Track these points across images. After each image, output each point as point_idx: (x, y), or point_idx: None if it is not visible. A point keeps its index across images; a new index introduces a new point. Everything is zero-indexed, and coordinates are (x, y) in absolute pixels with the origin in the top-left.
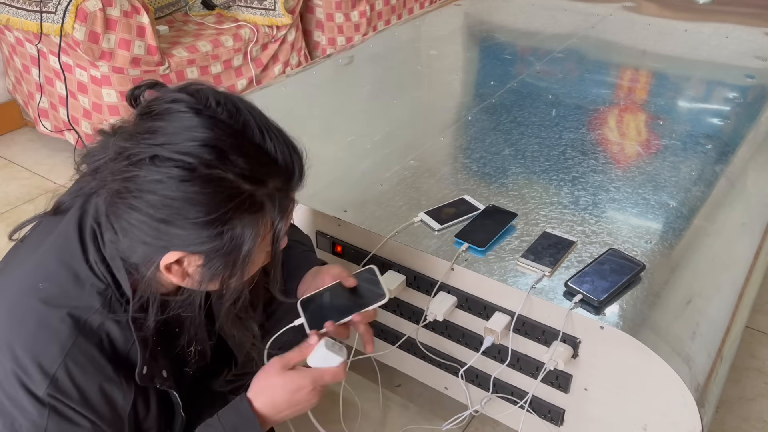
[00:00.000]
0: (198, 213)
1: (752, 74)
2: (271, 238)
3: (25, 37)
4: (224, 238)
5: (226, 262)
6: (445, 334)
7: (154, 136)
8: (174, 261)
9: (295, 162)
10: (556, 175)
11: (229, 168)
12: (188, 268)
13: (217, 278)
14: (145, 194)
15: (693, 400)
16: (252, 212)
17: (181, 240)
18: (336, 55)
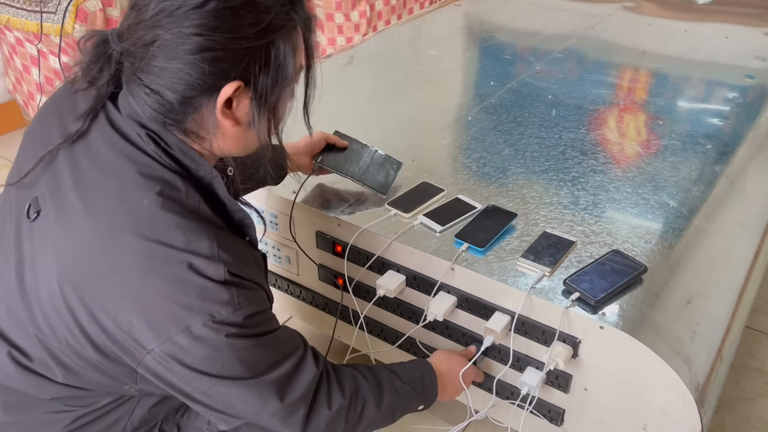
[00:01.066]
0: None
1: (752, 74)
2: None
3: (26, 37)
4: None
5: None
6: (445, 334)
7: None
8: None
9: None
10: (556, 175)
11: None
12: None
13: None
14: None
15: (693, 400)
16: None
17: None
18: (336, 55)
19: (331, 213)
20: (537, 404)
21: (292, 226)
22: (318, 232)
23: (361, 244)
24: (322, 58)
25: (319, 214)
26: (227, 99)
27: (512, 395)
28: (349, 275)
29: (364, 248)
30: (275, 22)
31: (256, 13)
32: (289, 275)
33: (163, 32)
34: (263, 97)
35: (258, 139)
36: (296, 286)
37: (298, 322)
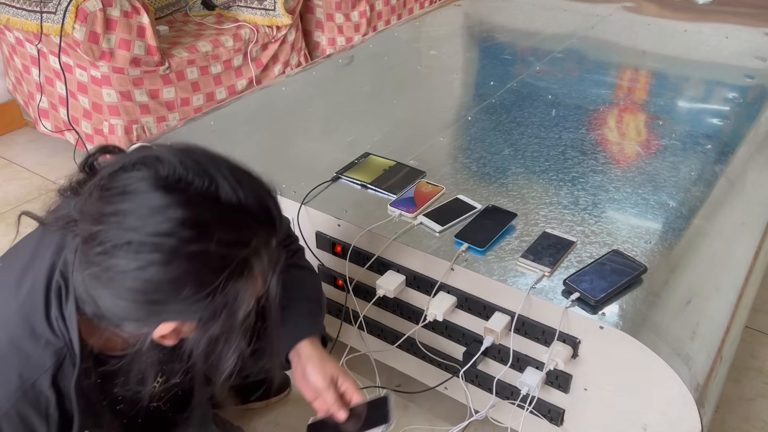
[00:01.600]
0: (189, 290)
1: (752, 74)
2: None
3: (26, 37)
4: (218, 304)
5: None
6: (445, 334)
7: (125, 220)
8: (170, 331)
9: (272, 207)
10: (556, 175)
11: (211, 240)
12: (183, 329)
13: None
14: (127, 281)
15: (693, 400)
16: (243, 276)
17: (175, 314)
18: (336, 55)
19: (331, 213)
20: (537, 404)
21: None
22: (318, 232)
23: (361, 244)
24: (322, 58)
25: (320, 214)
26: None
27: (512, 395)
28: (349, 275)
29: (364, 248)
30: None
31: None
32: None
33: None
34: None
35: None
36: None
37: None
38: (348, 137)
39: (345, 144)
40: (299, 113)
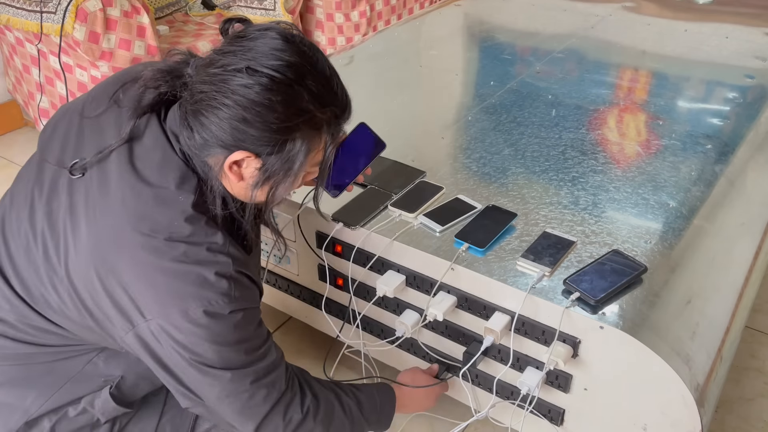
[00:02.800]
0: (274, 119)
1: (752, 74)
2: (321, 156)
3: (26, 37)
4: (287, 146)
5: (281, 169)
6: (445, 334)
7: (250, 52)
8: (239, 159)
9: (348, 100)
10: (556, 175)
11: (304, 88)
12: (246, 171)
13: (267, 184)
14: (235, 95)
15: (693, 399)
16: (313, 129)
17: (253, 141)
18: (336, 55)
19: (331, 213)
20: (537, 404)
21: (298, 227)
22: (318, 232)
23: (362, 244)
24: None
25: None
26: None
27: (512, 395)
28: (350, 275)
29: (365, 248)
30: (303, 124)
31: (288, 112)
32: (289, 275)
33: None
34: (267, 172)
35: (253, 199)
36: (296, 286)
37: (299, 322)
38: None
39: None
40: None
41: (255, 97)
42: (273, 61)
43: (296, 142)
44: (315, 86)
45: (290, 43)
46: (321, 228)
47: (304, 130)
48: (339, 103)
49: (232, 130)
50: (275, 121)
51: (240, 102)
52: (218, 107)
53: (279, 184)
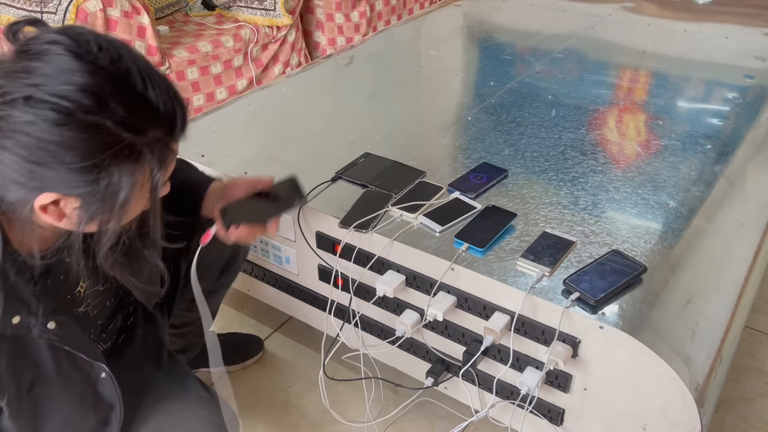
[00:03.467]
0: (73, 158)
1: (751, 74)
2: (149, 186)
3: None
4: (101, 184)
5: (103, 206)
6: (445, 334)
7: (30, 76)
8: (50, 202)
9: (178, 112)
10: (556, 175)
11: (107, 115)
12: (65, 209)
13: (95, 221)
14: (17, 135)
15: (692, 399)
16: (130, 161)
17: (56, 182)
18: (336, 55)
19: (331, 213)
20: (537, 404)
21: (297, 226)
22: (318, 232)
23: (361, 244)
24: (322, 58)
25: (320, 214)
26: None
27: (512, 395)
28: (349, 275)
29: (364, 248)
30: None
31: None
32: (289, 275)
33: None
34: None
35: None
36: (296, 286)
37: (299, 322)
38: (348, 137)
39: (345, 144)
40: (299, 113)
41: (42, 135)
42: (61, 85)
43: (113, 176)
44: (123, 109)
45: (82, 59)
46: (321, 228)
47: (117, 162)
48: (161, 120)
49: (27, 173)
50: (75, 161)
51: (25, 143)
52: (3, 148)
53: (109, 221)
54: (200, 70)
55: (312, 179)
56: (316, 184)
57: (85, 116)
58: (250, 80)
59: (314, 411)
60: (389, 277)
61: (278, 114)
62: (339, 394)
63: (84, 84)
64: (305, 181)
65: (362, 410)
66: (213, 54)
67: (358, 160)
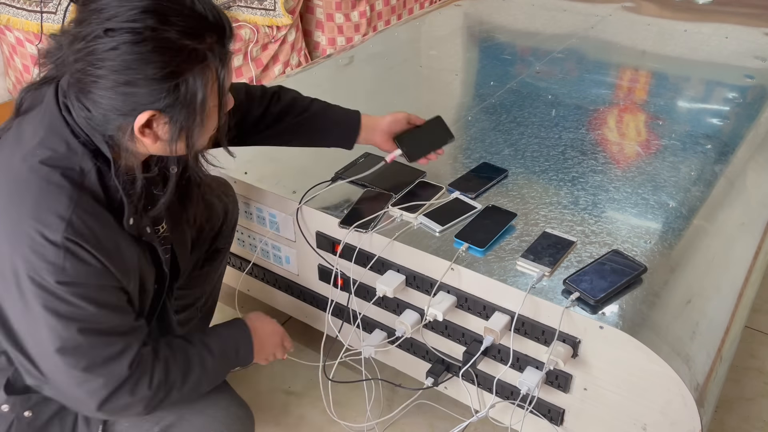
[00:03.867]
0: (154, 69)
1: (751, 74)
2: (218, 86)
3: (26, 37)
4: (180, 90)
5: (187, 112)
6: (445, 334)
7: (101, 13)
8: (145, 122)
9: (224, 19)
10: (556, 175)
11: (170, 28)
12: (158, 130)
13: (183, 133)
14: (106, 62)
15: (692, 399)
16: (198, 62)
17: (146, 98)
18: (336, 55)
19: (331, 213)
20: (537, 404)
21: (297, 226)
22: (318, 232)
23: (361, 244)
24: (322, 58)
25: (320, 214)
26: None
27: (512, 395)
28: (349, 275)
29: (364, 248)
30: (185, 63)
31: (164, 58)
32: (289, 275)
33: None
34: (177, 122)
35: (176, 152)
36: (296, 286)
37: (299, 322)
38: None
39: None
40: None
41: (126, 57)
42: (128, 12)
43: (188, 81)
44: (180, 20)
45: None
46: (321, 228)
47: (190, 67)
48: (213, 26)
49: (122, 97)
50: (157, 71)
51: (114, 67)
52: (97, 80)
53: (193, 130)
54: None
55: (312, 179)
56: (315, 183)
57: (154, 33)
58: (249, 80)
59: (314, 411)
60: (389, 277)
61: None
62: (339, 393)
63: (144, 6)
64: (305, 181)
65: (362, 410)
66: None
67: (358, 160)
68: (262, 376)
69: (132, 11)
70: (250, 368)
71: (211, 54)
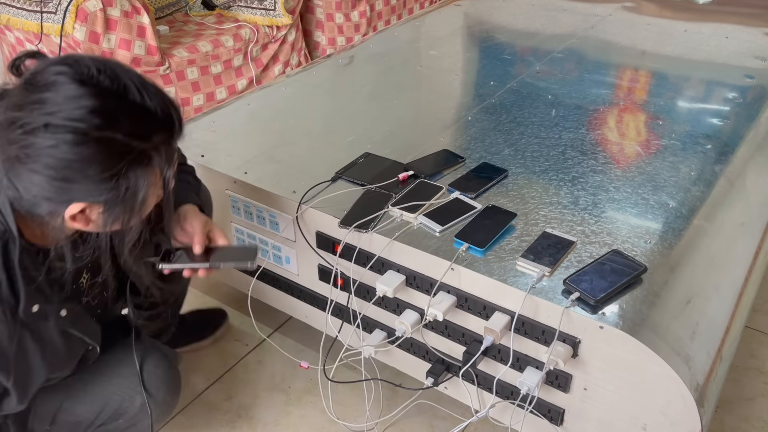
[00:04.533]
0: (95, 170)
1: (751, 74)
2: (162, 183)
3: (26, 37)
4: (121, 189)
5: (124, 208)
6: (445, 334)
7: (44, 106)
8: (78, 211)
9: (174, 115)
10: (556, 175)
11: (117, 129)
12: (91, 215)
13: (117, 222)
14: (43, 158)
15: (692, 399)
16: (143, 165)
17: (83, 193)
18: (336, 55)
19: (331, 213)
20: (537, 404)
21: (297, 226)
22: (318, 232)
23: (361, 244)
24: (322, 58)
25: (319, 214)
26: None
27: (512, 395)
28: (349, 275)
29: (364, 248)
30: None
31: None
32: (289, 275)
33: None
34: (112, 214)
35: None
36: (296, 286)
37: (299, 322)
38: (348, 137)
39: (345, 144)
40: (299, 113)
41: (65, 156)
42: (73, 110)
43: (129, 180)
44: (129, 122)
45: (87, 84)
46: (321, 228)
47: (133, 168)
48: (162, 124)
49: (57, 189)
50: (97, 173)
51: (51, 164)
52: (32, 171)
53: (130, 219)
54: (200, 70)
55: (312, 179)
56: (315, 183)
57: (99, 133)
58: (250, 80)
59: (314, 411)
60: (389, 277)
61: (278, 114)
62: (339, 393)
63: (92, 106)
64: (305, 181)
65: (362, 410)
66: (213, 54)
67: (358, 160)
68: (262, 376)
69: (77, 110)
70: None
71: (156, 154)
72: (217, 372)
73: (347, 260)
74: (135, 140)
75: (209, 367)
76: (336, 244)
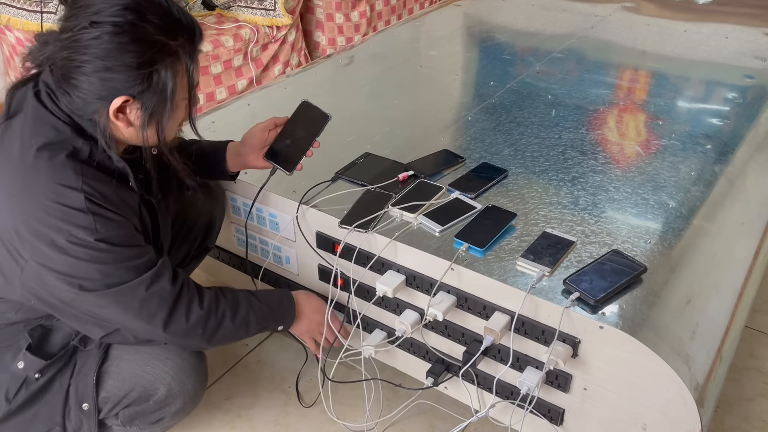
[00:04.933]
0: (131, 58)
1: (751, 74)
2: (187, 80)
3: (26, 37)
4: (153, 79)
5: (158, 100)
6: (445, 334)
7: (89, 9)
8: (119, 107)
9: (195, 25)
10: (556, 175)
11: (148, 24)
12: (130, 115)
13: (153, 120)
14: (90, 49)
15: (692, 399)
16: (170, 56)
17: (122, 84)
18: (336, 55)
19: (331, 213)
20: (537, 404)
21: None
22: (318, 232)
23: (361, 244)
24: (322, 58)
25: (319, 214)
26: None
27: (512, 395)
28: (349, 275)
29: (364, 248)
30: (158, 55)
31: (141, 48)
32: (289, 275)
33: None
34: (148, 110)
35: (147, 140)
36: (296, 286)
37: None
38: (348, 137)
39: (345, 144)
40: None
41: (107, 45)
42: (111, 8)
43: (160, 71)
44: (157, 19)
45: None
46: (321, 228)
47: (162, 59)
48: (185, 28)
49: (101, 82)
50: (133, 60)
51: (96, 54)
52: (80, 65)
53: (162, 117)
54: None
55: (312, 179)
56: (315, 183)
57: (133, 26)
58: (250, 80)
59: (314, 411)
60: (389, 277)
61: (278, 114)
62: (339, 393)
63: (127, 4)
64: (305, 181)
65: (362, 410)
66: (213, 54)
67: (358, 160)
68: (262, 376)
69: (114, 8)
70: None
71: (182, 50)
72: (217, 372)
73: (347, 260)
74: (163, 34)
75: (209, 367)
76: (336, 244)
